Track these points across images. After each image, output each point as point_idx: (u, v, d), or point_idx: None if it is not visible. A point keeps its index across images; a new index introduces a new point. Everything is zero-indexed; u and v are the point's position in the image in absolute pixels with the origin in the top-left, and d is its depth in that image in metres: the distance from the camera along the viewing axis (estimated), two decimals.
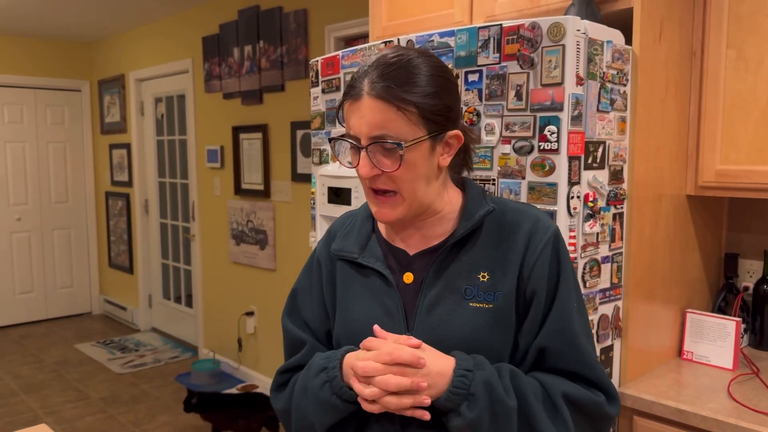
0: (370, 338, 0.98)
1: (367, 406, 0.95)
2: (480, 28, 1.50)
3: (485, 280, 1.00)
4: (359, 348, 1.00)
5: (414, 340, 0.95)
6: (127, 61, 5.41)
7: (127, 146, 5.49)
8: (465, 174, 1.13)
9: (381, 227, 1.11)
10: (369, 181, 0.99)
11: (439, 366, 0.93)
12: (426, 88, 0.96)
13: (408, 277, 1.04)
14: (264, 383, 4.05)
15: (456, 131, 1.02)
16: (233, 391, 3.97)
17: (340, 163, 1.07)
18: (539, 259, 1.00)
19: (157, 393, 4.04)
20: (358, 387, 0.94)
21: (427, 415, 0.93)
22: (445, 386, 0.93)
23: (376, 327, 0.99)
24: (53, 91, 5.76)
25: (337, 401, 0.98)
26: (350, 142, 0.99)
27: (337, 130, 1.92)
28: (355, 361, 0.95)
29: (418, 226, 1.06)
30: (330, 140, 1.04)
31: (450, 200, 1.06)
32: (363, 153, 0.97)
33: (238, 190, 4.22)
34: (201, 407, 3.17)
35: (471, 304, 0.99)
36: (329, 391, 0.98)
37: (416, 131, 0.96)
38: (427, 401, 0.93)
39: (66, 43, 5.79)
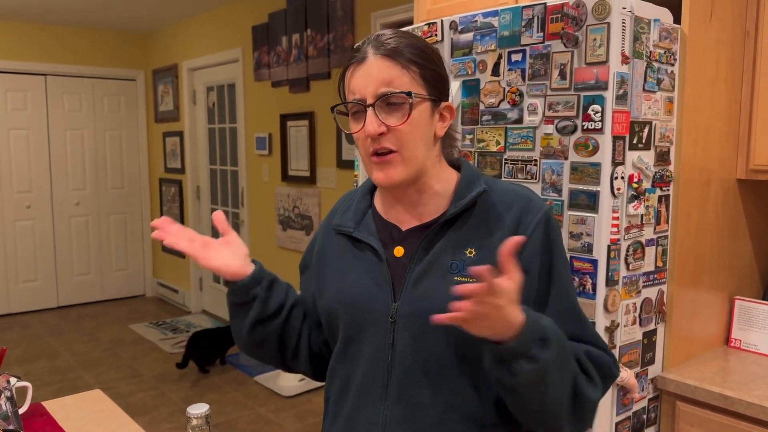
0: None
1: None
2: (524, 7, 1.49)
3: (472, 255, 1.01)
4: (345, 312, 1.08)
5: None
6: (180, 50, 5.55)
7: (180, 134, 5.65)
8: (456, 155, 1.14)
9: (377, 203, 1.14)
10: (372, 142, 1.00)
11: (511, 316, 0.88)
12: (424, 53, 1.01)
13: (398, 251, 1.07)
14: None
15: (449, 103, 1.06)
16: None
17: (345, 133, 1.08)
18: (530, 238, 1.01)
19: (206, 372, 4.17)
20: None
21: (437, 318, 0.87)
22: (511, 332, 0.88)
23: None
24: (110, 80, 5.96)
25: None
26: (357, 104, 1.01)
27: None
28: None
29: (414, 202, 1.07)
30: (332, 109, 1.06)
31: (445, 178, 1.08)
32: (369, 111, 0.99)
33: (285, 177, 4.29)
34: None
35: (456, 278, 1.01)
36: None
37: (419, 90, 1.00)
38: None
39: (122, 33, 5.97)
